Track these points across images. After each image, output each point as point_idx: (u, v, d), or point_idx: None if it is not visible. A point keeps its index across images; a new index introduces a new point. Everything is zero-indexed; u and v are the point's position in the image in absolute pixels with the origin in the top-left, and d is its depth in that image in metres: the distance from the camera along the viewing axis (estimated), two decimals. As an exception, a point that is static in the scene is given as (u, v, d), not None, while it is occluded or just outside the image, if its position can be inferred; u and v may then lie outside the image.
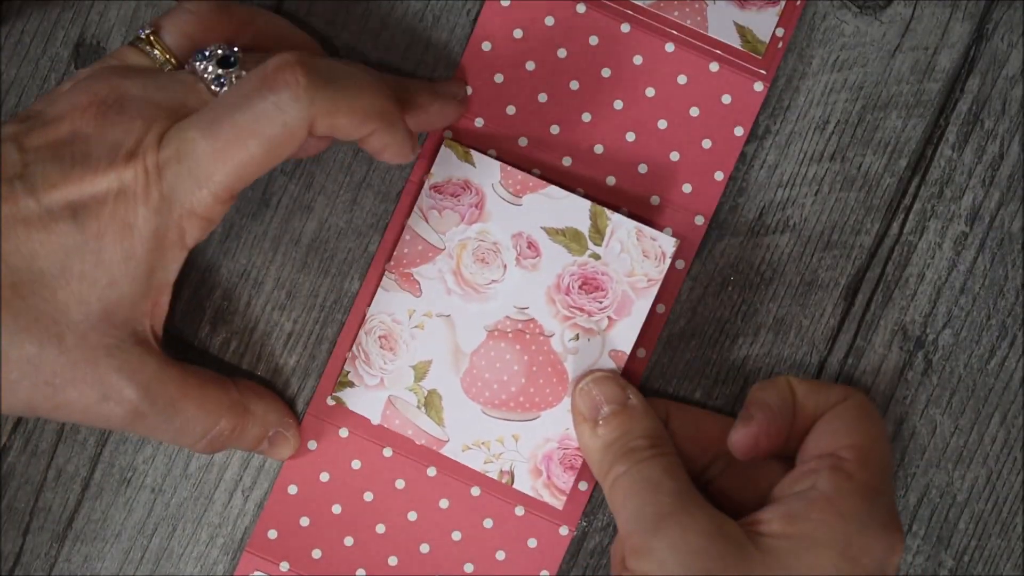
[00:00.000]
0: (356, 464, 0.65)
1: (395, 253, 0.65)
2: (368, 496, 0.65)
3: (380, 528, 0.65)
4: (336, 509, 0.65)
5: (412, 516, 0.65)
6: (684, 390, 0.66)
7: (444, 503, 0.65)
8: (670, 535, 0.59)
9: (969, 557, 0.66)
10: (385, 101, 0.59)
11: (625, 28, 0.66)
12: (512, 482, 0.65)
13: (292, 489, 0.65)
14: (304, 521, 0.65)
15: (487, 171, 0.65)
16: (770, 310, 0.66)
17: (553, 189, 0.65)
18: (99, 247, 0.57)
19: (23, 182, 0.57)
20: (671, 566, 0.58)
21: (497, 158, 0.66)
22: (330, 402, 0.65)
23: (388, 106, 0.59)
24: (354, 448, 0.65)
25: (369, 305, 0.65)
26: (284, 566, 0.65)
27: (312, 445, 0.65)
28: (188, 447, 0.61)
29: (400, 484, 0.65)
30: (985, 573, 0.66)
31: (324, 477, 0.65)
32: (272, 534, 0.65)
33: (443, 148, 0.65)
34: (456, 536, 0.65)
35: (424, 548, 0.65)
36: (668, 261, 0.65)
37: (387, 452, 0.65)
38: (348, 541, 0.65)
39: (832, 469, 0.60)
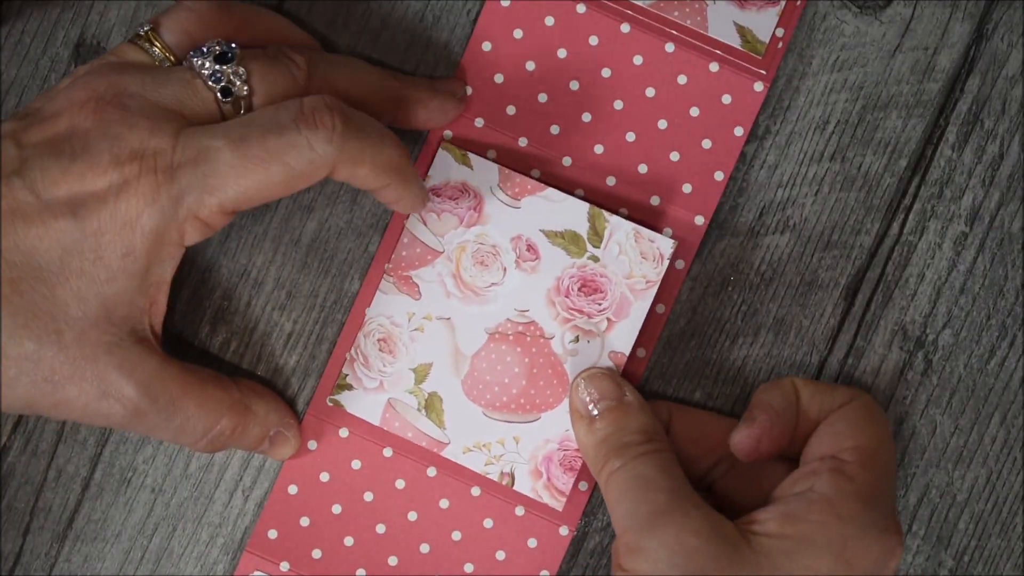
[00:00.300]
0: (356, 464, 0.65)
1: (393, 256, 0.65)
2: (368, 496, 0.65)
3: (380, 528, 0.65)
4: (336, 509, 0.65)
5: (412, 516, 0.65)
6: (684, 390, 0.66)
7: (444, 503, 0.65)
8: (663, 534, 0.59)
9: (969, 557, 0.66)
10: (403, 158, 0.60)
11: (625, 28, 0.66)
12: (512, 484, 0.65)
13: (292, 489, 0.65)
14: (304, 521, 0.65)
15: (485, 174, 0.65)
16: (770, 310, 0.66)
17: (552, 192, 0.65)
18: (98, 244, 0.57)
19: (21, 178, 0.57)
20: (664, 566, 0.58)
21: (496, 158, 0.66)
22: (330, 403, 0.65)
23: (404, 162, 0.60)
24: (354, 448, 0.65)
25: (368, 307, 0.65)
26: (284, 566, 0.65)
27: (312, 445, 0.66)
28: (189, 446, 0.61)
29: (400, 484, 0.65)
30: (985, 573, 0.66)
31: (324, 477, 0.65)
32: (272, 534, 0.65)
33: (440, 151, 0.65)
34: (456, 536, 0.65)
35: (424, 548, 0.65)
36: (666, 263, 0.65)
37: (387, 452, 0.65)
38: (348, 541, 0.65)
39: (833, 471, 0.60)
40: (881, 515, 0.59)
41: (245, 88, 0.59)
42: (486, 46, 0.66)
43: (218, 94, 0.59)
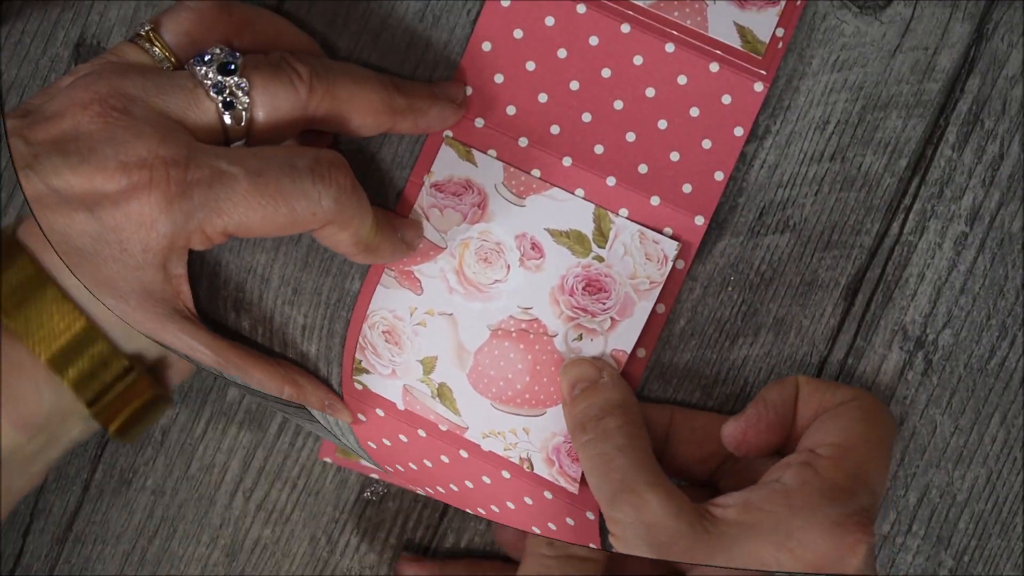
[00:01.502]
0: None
1: (394, 249, 0.65)
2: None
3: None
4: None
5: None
6: (684, 390, 0.66)
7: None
8: (623, 512, 0.60)
9: (969, 557, 0.66)
10: (376, 236, 0.62)
11: (625, 28, 0.66)
12: (532, 468, 0.65)
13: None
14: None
15: (489, 171, 0.65)
16: (770, 310, 0.66)
17: (557, 191, 0.65)
18: (119, 238, 0.58)
19: (36, 172, 0.57)
20: (630, 536, 0.60)
21: (497, 158, 0.66)
22: (357, 386, 0.65)
23: (374, 240, 0.62)
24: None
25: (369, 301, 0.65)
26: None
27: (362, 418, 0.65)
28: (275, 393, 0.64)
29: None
30: (985, 573, 0.66)
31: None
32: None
33: (444, 147, 0.65)
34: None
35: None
36: (670, 264, 0.65)
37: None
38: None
39: (802, 464, 0.60)
40: (842, 511, 0.59)
41: (247, 99, 0.60)
42: (486, 46, 0.66)
43: (220, 105, 0.59)
